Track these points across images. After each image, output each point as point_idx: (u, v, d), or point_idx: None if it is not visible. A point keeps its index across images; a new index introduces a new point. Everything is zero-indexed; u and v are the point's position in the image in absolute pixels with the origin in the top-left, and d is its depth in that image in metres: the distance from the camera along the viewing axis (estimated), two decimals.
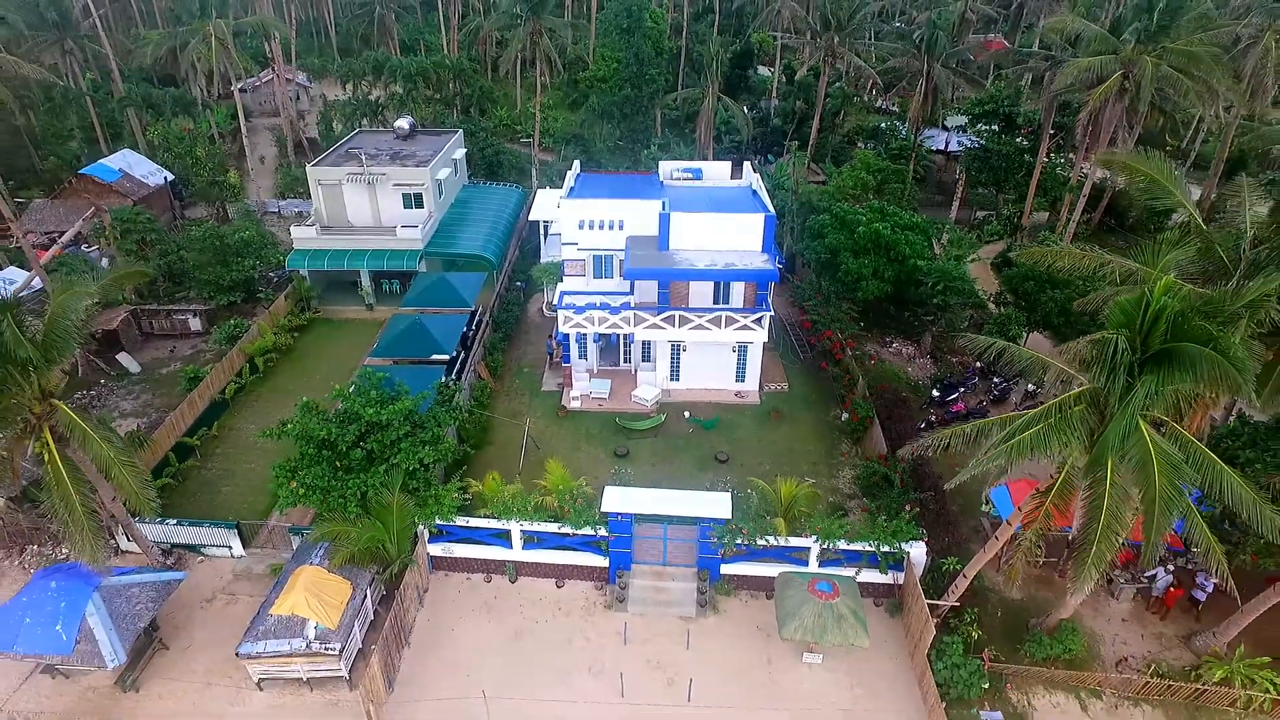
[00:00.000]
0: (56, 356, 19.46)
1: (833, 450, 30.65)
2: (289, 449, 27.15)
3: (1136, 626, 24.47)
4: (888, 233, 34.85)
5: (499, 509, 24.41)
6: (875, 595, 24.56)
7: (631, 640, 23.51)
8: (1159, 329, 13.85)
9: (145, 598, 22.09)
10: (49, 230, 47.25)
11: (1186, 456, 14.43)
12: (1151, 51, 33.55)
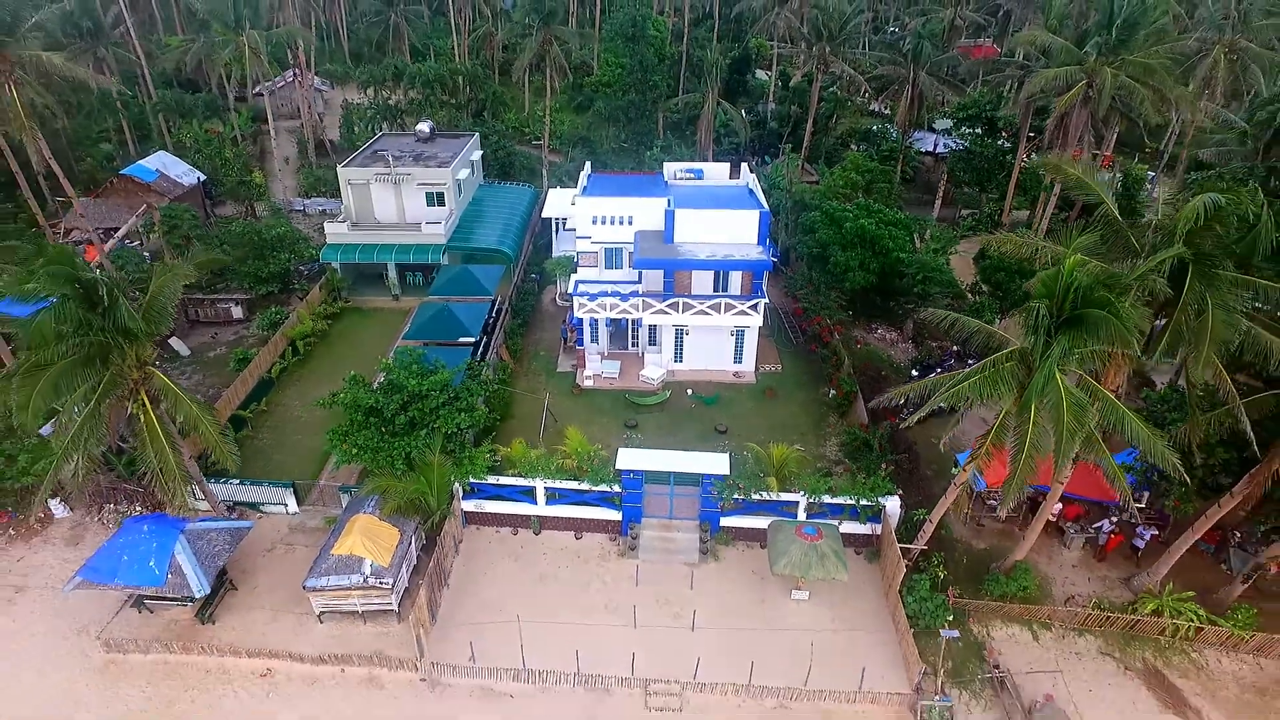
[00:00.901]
0: (154, 329, 22.81)
1: (820, 423, 34.07)
2: (332, 419, 30.71)
3: (1084, 571, 27.91)
4: (873, 228, 38.21)
5: (526, 468, 27.80)
6: (856, 545, 27.93)
7: (642, 582, 26.92)
8: (1070, 298, 17.24)
9: (221, 541, 25.48)
10: (94, 226, 50.59)
11: (1094, 402, 17.84)
12: (1111, 63, 36.94)
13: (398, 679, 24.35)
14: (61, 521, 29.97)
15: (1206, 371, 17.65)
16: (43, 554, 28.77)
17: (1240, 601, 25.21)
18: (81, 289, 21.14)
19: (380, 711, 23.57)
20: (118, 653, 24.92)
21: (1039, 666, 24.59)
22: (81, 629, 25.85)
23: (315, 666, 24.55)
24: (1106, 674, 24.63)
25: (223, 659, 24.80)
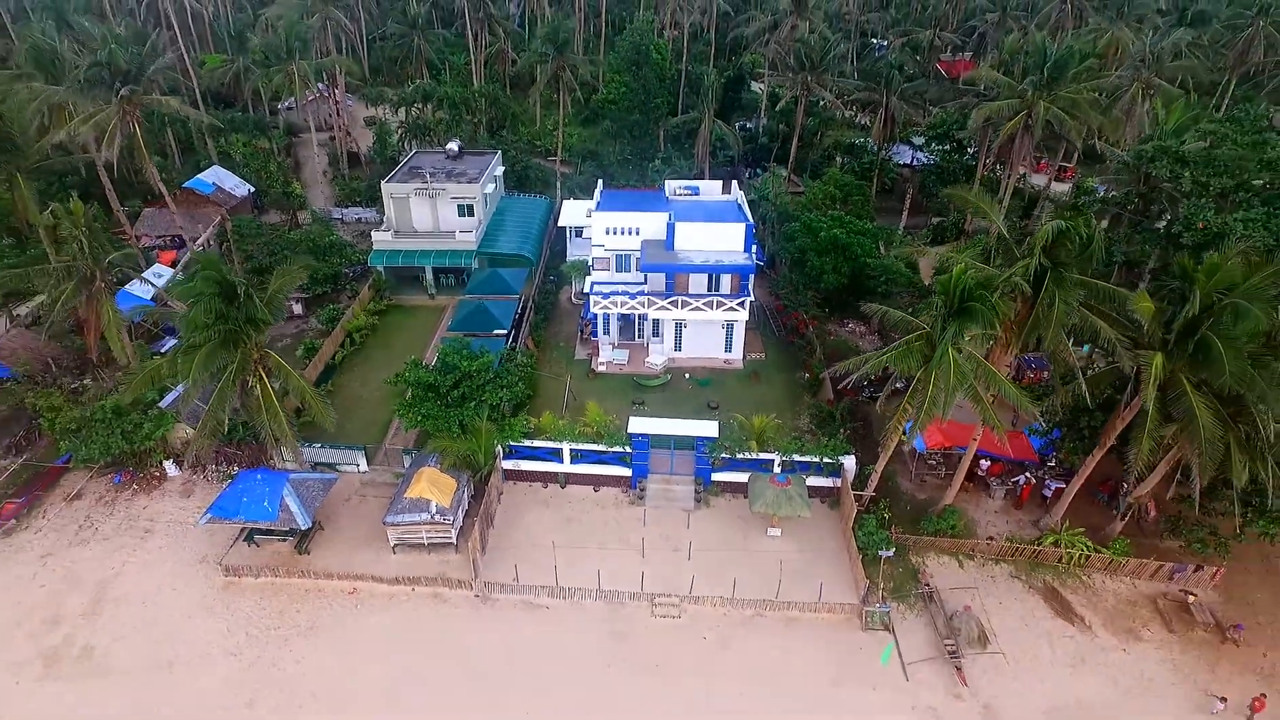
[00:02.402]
0: (273, 318, 29.45)
1: (796, 400, 40.76)
2: (389, 396, 37.51)
3: (1004, 516, 34.61)
4: (844, 237, 44.88)
5: (554, 434, 34.48)
6: (821, 496, 34.62)
7: (648, 524, 33.64)
8: (959, 294, 23.84)
9: (316, 488, 32.18)
10: (160, 234, 57.22)
11: (977, 372, 24.59)
12: (1045, 97, 43.56)
13: (457, 595, 31.08)
14: (174, 479, 36.65)
15: (1058, 346, 24.33)
16: (162, 504, 35.47)
17: (1121, 536, 31.88)
18: (223, 288, 27.79)
19: (444, 621, 30.27)
20: (234, 576, 31.66)
21: (961, 585, 31.32)
22: (202, 559, 32.58)
23: (391, 586, 31.27)
24: (1014, 592, 31.36)
25: (318, 580, 31.53)
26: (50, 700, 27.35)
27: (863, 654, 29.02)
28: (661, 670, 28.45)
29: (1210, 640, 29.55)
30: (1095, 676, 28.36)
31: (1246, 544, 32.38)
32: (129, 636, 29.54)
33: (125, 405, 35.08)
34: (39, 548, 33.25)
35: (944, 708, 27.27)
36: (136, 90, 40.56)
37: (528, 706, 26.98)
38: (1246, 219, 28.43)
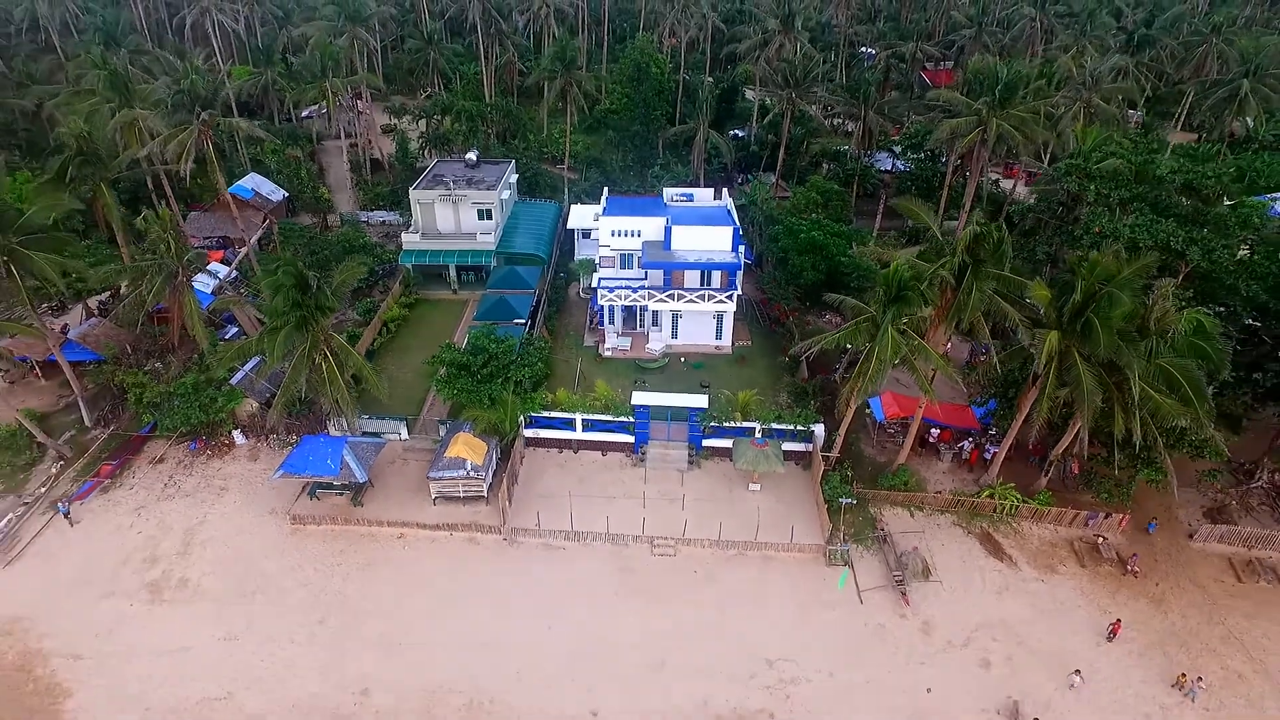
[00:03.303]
0: (338, 305, 35.45)
1: (777, 380, 46.80)
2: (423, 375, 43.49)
3: (951, 475, 40.67)
4: (821, 239, 50.83)
5: (569, 406, 40.54)
6: (795, 459, 40.66)
7: (648, 481, 39.72)
8: (897, 285, 29.87)
9: (369, 450, 38.26)
10: (206, 235, 63.22)
11: (913, 347, 30.69)
12: (998, 115, 49.55)
13: (488, 539, 37.13)
14: (241, 446, 42.70)
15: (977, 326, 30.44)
16: (233, 467, 41.53)
17: (1045, 490, 37.92)
18: (299, 281, 33.82)
19: (477, 559, 36.33)
20: (300, 524, 37.72)
21: (911, 531, 37.39)
22: (271, 511, 38.66)
23: (433, 531, 37.33)
24: (955, 536, 37.43)
25: (371, 527, 37.59)
26: (159, 620, 33.40)
27: (826, 584, 35.08)
28: (659, 598, 34.44)
29: (1114, 573, 35.63)
30: (1017, 601, 34.43)
31: (1151, 497, 38.49)
32: (217, 571, 35.61)
33: (202, 381, 41.20)
34: (132, 502, 39.32)
35: (890, 624, 33.35)
36: (214, 113, 46.65)
37: (547, 635, 32.86)
38: (1133, 224, 34.43)
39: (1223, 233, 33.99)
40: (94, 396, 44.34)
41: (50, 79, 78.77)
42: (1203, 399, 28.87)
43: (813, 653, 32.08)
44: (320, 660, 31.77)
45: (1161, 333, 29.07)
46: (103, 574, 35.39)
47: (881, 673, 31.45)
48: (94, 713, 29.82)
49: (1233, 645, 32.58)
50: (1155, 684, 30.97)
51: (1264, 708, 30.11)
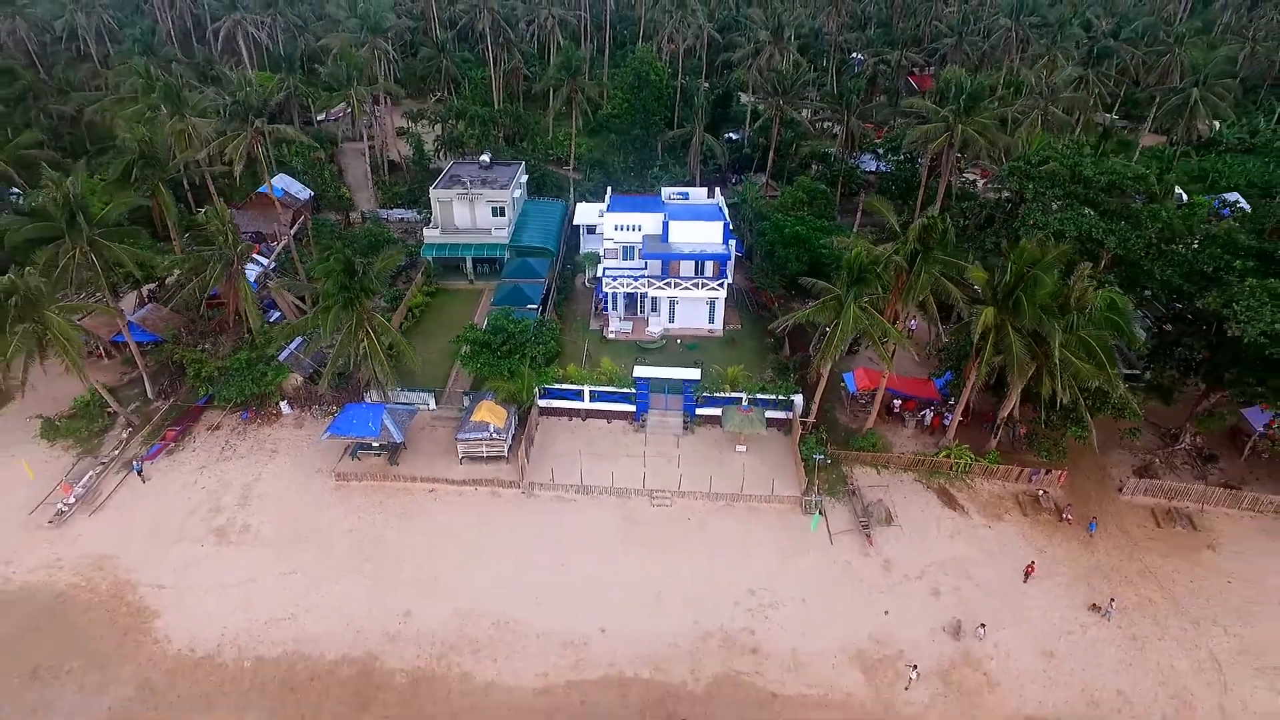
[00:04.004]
0: (380, 288, 40.88)
1: (763, 358, 52.25)
2: (447, 353, 48.83)
3: (915, 440, 46.12)
4: (804, 233, 56.28)
5: (578, 379, 46.00)
6: (777, 425, 46.10)
7: (648, 444, 45.15)
8: (858, 268, 35.32)
9: (403, 416, 43.72)
10: (241, 231, 68.38)
11: (870, 321, 36.17)
12: (963, 121, 55.00)
13: (508, 493, 42.56)
14: (288, 416, 48.12)
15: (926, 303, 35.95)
16: (281, 433, 46.96)
17: (995, 450, 43.37)
18: (347, 267, 39.27)
19: (499, 510, 41.73)
20: (344, 481, 43.12)
21: (877, 485, 42.84)
22: (318, 470, 44.07)
23: (460, 486, 42.75)
24: (916, 490, 42.86)
25: (406, 483, 42.98)
26: (226, 558, 38.84)
27: (802, 530, 40.50)
28: (657, 542, 39.84)
29: (1051, 521, 41.09)
30: (966, 543, 39.89)
31: (1087, 457, 43.99)
32: (273, 520, 41.05)
33: (253, 358, 46.66)
34: (194, 463, 44.76)
35: (856, 562, 38.81)
36: (265, 121, 52.13)
37: (561, 571, 38.23)
38: (1061, 218, 39.87)
39: (1137, 225, 39.45)
40: (154, 373, 49.75)
41: (87, 85, 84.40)
42: (1113, 363, 34.34)
43: (789, 584, 37.52)
44: (367, 592, 37.17)
45: (1080, 308, 34.50)
46: (174, 521, 40.86)
47: (847, 600, 36.90)
48: (179, 629, 35.27)
49: (1147, 578, 38.05)
50: (1078, 608, 36.43)
51: (1167, 625, 35.58)
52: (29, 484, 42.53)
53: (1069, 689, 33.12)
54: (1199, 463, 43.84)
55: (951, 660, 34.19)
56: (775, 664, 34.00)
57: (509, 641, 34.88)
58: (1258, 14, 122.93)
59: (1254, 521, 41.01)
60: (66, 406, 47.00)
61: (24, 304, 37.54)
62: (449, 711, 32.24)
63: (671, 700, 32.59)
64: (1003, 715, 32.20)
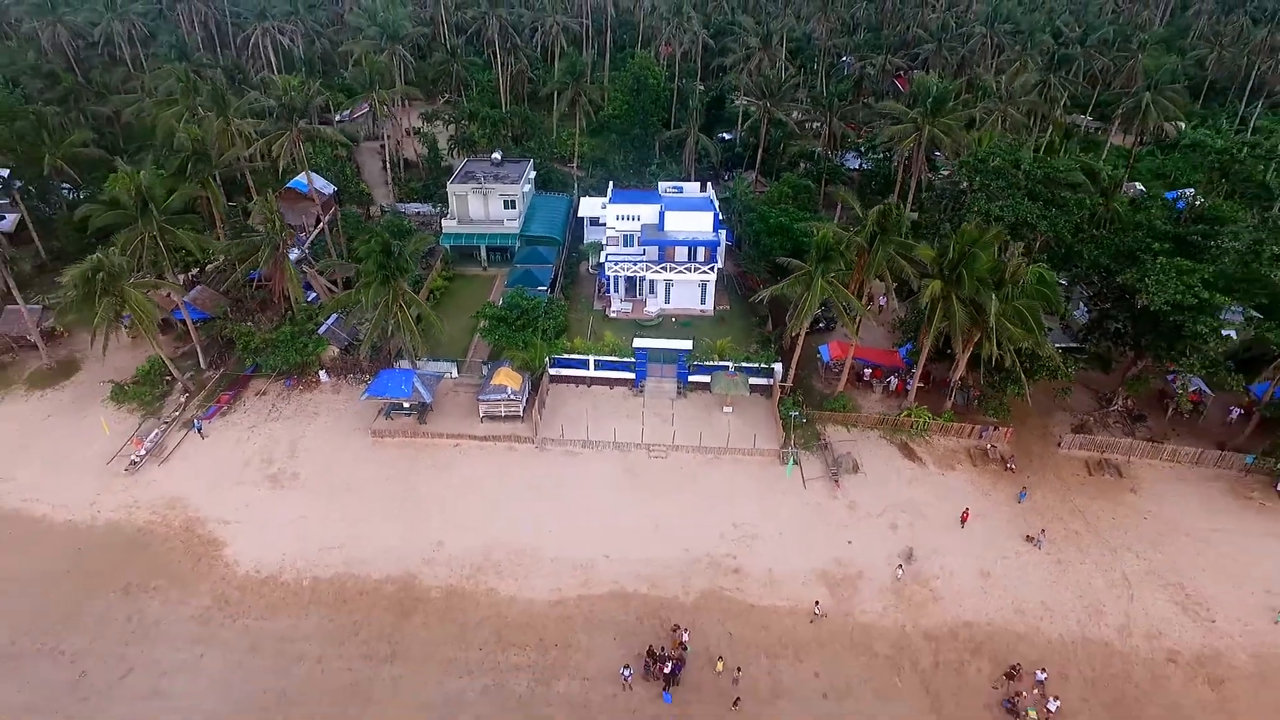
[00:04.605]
0: (411, 268, 46.92)
1: (749, 334, 58.34)
2: (465, 331, 54.92)
3: (882, 403, 52.25)
4: (787, 223, 62.33)
5: (584, 349, 52.08)
6: (759, 391, 52.19)
7: (646, 406, 51.25)
8: (825, 248, 41.36)
9: (431, 380, 49.78)
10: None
11: (836, 293, 42.29)
12: (930, 122, 61.12)
13: (524, 447, 48.59)
14: (325, 384, 54.14)
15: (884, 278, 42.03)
16: (321, 398, 52.98)
17: (950, 410, 49.49)
18: (385, 248, 45.30)
19: (516, 462, 47.73)
20: (379, 437, 49.15)
21: (846, 441, 48.93)
22: (354, 429, 50.10)
23: (481, 441, 48.80)
24: (880, 445, 48.93)
25: (434, 440, 49.02)
26: (280, 500, 44.86)
27: (780, 478, 46.59)
28: (654, 490, 45.84)
29: (997, 470, 47.21)
30: (922, 488, 45.99)
31: (1032, 417, 50.13)
32: (319, 471, 47.05)
33: (296, 331, 52.66)
34: (246, 423, 50.77)
35: (825, 503, 44.89)
36: (307, 121, 58.13)
37: (571, 511, 44.25)
38: (1001, 205, 46.04)
39: (1065, 212, 45.59)
40: (205, 346, 55.72)
41: (122, 88, 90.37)
42: (1041, 328, 40.47)
43: (767, 520, 43.59)
44: (404, 527, 43.17)
45: (1014, 281, 40.60)
46: (232, 470, 46.89)
47: (816, 533, 43.00)
48: (245, 556, 41.32)
49: (1076, 516, 44.19)
50: (1015, 539, 42.55)
51: (1089, 552, 41.72)
52: (104, 439, 48.57)
53: (1000, 601, 39.26)
54: (1129, 421, 49.97)
55: (903, 581, 40.27)
56: (754, 582, 40.10)
57: (527, 565, 40.94)
58: (1229, 20, 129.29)
59: (1171, 470, 47.21)
60: (128, 375, 52.95)
61: (108, 279, 43.51)
62: (478, 619, 38.28)
63: (665, 610, 38.65)
64: (943, 621, 38.32)
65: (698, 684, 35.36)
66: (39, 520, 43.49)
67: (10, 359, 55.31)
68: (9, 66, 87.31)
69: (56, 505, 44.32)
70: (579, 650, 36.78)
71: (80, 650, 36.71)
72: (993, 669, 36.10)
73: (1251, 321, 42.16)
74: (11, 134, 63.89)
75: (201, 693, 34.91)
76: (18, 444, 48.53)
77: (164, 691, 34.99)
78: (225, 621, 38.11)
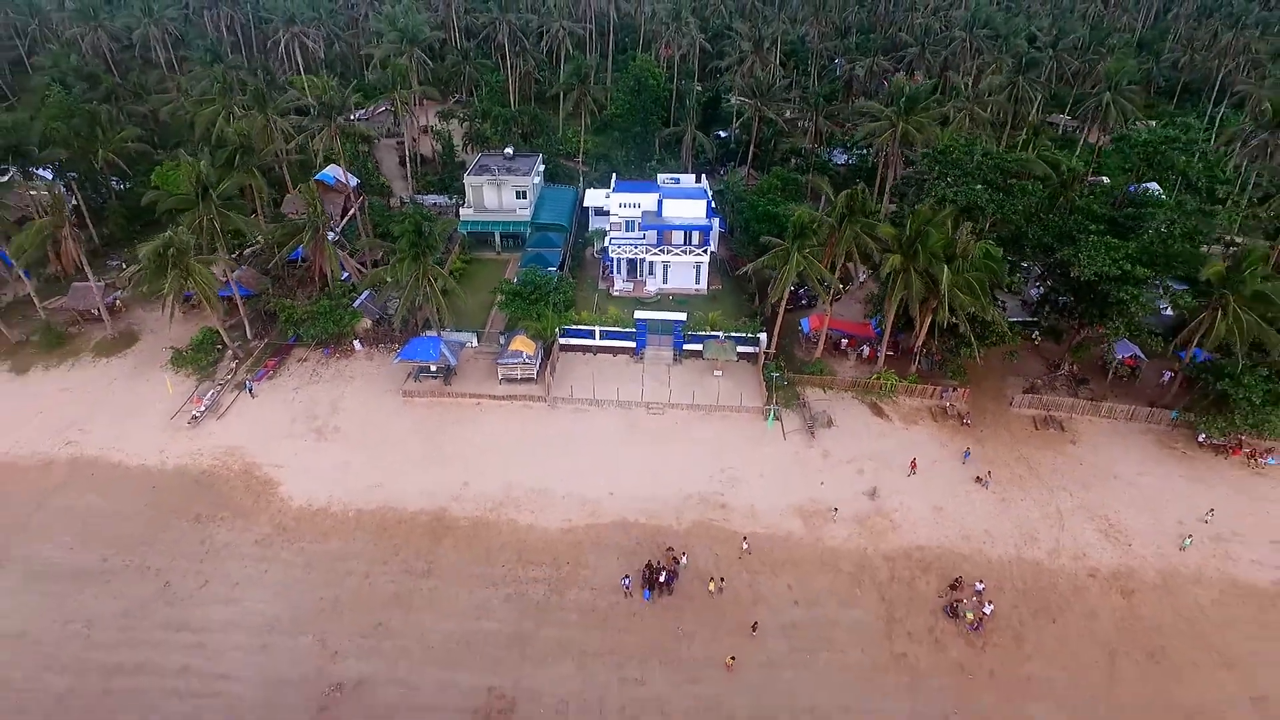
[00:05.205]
0: (439, 246, 53.34)
1: (739, 309, 64.73)
2: (482, 307, 61.38)
3: (855, 369, 58.62)
4: (773, 210, 68.69)
5: (591, 321, 58.49)
6: (746, 358, 58.58)
7: (645, 371, 57.66)
8: (800, 226, 47.69)
9: (455, 346, 56.26)
10: (300, 211, 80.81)
11: (809, 266, 48.63)
12: (904, 120, 67.45)
13: (537, 405, 54.96)
14: (359, 352, 60.55)
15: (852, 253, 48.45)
16: (356, 365, 59.38)
17: (914, 373, 55.84)
18: (417, 228, 51.74)
19: (530, 418, 54.10)
20: (409, 397, 55.55)
21: (822, 400, 55.29)
22: (386, 390, 56.52)
23: (500, 401, 55.20)
24: (852, 405, 55.27)
25: (458, 399, 55.45)
26: (325, 450, 51.28)
27: (763, 431, 52.93)
28: (652, 442, 52.19)
29: (955, 425, 53.53)
30: (888, 441, 52.33)
31: (988, 380, 56.50)
32: (358, 425, 53.46)
33: (333, 305, 59.08)
34: (290, 385, 57.20)
35: (802, 452, 51.23)
36: (342, 118, 64.63)
37: (579, 458, 50.59)
38: (957, 190, 52.36)
39: (1011, 196, 52.00)
40: (250, 319, 62.18)
41: (157, 89, 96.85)
42: (986, 294, 46.84)
43: (751, 466, 49.94)
44: (434, 472, 49.47)
45: (964, 256, 46.95)
46: (281, 424, 53.32)
47: (794, 476, 49.34)
48: (297, 493, 47.74)
49: (1021, 463, 50.52)
50: (966, 481, 48.86)
51: (1029, 491, 48.07)
52: (167, 398, 55.06)
53: (949, 530, 45.64)
54: (1074, 384, 56.29)
55: (867, 513, 46.65)
56: (738, 514, 46.49)
57: (542, 501, 47.34)
58: (1205, 25, 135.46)
59: (1108, 424, 53.54)
60: (183, 345, 59.31)
61: (177, 254, 49.97)
62: (500, 543, 44.69)
63: (661, 536, 45.00)
64: (899, 545, 44.69)
65: (690, 594, 41.77)
66: (117, 465, 49.97)
67: (78, 330, 61.80)
68: (53, 69, 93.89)
69: (130, 453, 50.80)
70: (587, 567, 43.21)
71: (162, 567, 43.17)
72: (939, 583, 42.48)
73: (1168, 290, 48.40)
74: (69, 130, 70.30)
75: (268, 599, 41.36)
76: (92, 403, 54.99)
77: (237, 599, 41.44)
78: (284, 544, 44.56)
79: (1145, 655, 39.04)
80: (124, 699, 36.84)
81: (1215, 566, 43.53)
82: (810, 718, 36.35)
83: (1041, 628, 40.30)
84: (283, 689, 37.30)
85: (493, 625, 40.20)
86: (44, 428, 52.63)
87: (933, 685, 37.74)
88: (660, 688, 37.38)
